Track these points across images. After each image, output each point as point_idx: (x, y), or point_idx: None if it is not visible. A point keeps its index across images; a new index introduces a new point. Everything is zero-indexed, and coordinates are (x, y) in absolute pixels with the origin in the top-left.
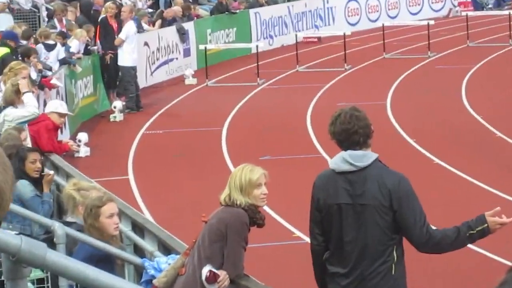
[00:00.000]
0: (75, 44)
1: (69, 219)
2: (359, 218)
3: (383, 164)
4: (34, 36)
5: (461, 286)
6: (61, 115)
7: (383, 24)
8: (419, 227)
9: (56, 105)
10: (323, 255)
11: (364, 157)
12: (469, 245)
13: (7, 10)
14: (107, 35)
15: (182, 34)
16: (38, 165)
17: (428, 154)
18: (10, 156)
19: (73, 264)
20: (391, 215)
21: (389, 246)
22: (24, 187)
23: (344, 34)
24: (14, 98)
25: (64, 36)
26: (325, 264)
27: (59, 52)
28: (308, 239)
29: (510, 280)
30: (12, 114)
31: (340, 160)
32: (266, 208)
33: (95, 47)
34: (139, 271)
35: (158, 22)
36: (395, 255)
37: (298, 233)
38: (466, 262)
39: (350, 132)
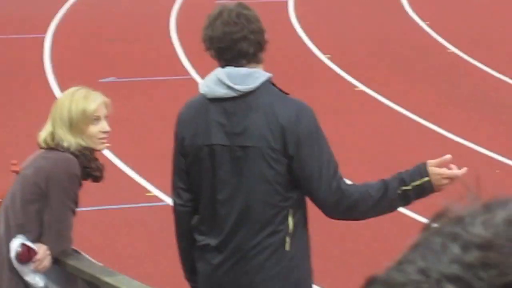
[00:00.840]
0: None
1: None
2: (238, 167)
3: (278, 88)
4: None
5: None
6: None
7: None
8: (326, 180)
9: None
10: (190, 220)
11: (249, 77)
12: (401, 209)
13: None
14: None
15: None
16: None
17: (347, 77)
18: None
19: None
20: (284, 163)
21: (281, 210)
22: None
23: None
24: None
25: None
26: (193, 234)
27: None
28: (168, 199)
29: (423, 242)
30: None
31: (214, 82)
32: (107, 152)
33: None
34: None
35: None
36: (291, 222)
37: (154, 190)
38: (397, 233)
39: (236, 37)
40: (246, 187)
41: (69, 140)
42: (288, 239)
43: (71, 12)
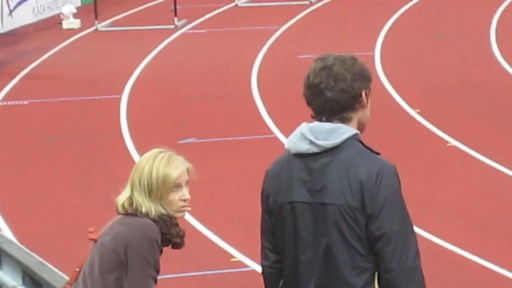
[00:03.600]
0: None
1: None
2: (320, 226)
3: (366, 146)
4: None
5: None
6: None
7: None
8: (401, 250)
9: None
10: (278, 282)
11: (333, 132)
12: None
13: None
14: None
15: None
16: None
17: (438, 132)
18: None
19: None
20: (363, 223)
21: (364, 272)
22: None
23: None
24: None
25: None
26: None
27: None
28: (254, 265)
29: None
30: None
31: (297, 137)
32: (188, 217)
33: None
34: None
35: None
36: (376, 286)
37: (239, 256)
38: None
39: (322, 87)
40: (327, 247)
41: (148, 206)
42: None
43: (146, 72)
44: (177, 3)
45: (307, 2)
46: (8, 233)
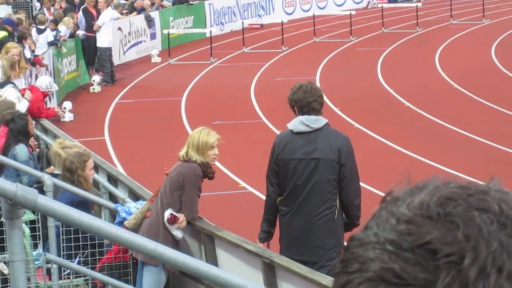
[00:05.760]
0: (63, 29)
1: (55, 171)
2: (311, 170)
3: (331, 128)
4: (29, 20)
5: None
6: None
7: (313, 14)
8: (355, 182)
9: (45, 83)
10: (276, 199)
11: (317, 121)
12: (379, 193)
13: (5, 2)
14: (89, 21)
15: (149, 21)
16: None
17: (349, 120)
18: (8, 121)
19: (59, 206)
20: (337, 168)
21: (333, 194)
22: (22, 151)
23: (282, 21)
24: (10, 73)
25: (56, 23)
26: (277, 206)
27: (48, 35)
28: (251, 189)
29: (377, 214)
30: (8, 96)
31: (298, 123)
32: (216, 163)
33: (80, 32)
34: (113, 214)
35: (134, 13)
36: (338, 203)
37: (243, 183)
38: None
39: (310, 100)
40: (314, 181)
41: (196, 157)
42: (337, 211)
43: (195, 85)
44: (212, 50)
45: (280, 50)
46: (121, 170)
